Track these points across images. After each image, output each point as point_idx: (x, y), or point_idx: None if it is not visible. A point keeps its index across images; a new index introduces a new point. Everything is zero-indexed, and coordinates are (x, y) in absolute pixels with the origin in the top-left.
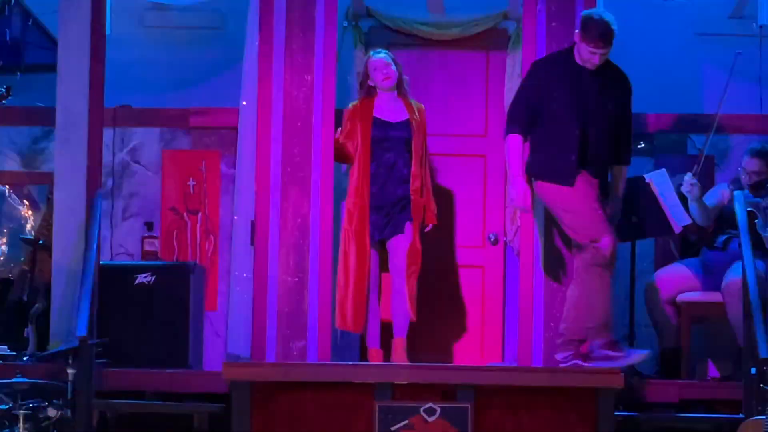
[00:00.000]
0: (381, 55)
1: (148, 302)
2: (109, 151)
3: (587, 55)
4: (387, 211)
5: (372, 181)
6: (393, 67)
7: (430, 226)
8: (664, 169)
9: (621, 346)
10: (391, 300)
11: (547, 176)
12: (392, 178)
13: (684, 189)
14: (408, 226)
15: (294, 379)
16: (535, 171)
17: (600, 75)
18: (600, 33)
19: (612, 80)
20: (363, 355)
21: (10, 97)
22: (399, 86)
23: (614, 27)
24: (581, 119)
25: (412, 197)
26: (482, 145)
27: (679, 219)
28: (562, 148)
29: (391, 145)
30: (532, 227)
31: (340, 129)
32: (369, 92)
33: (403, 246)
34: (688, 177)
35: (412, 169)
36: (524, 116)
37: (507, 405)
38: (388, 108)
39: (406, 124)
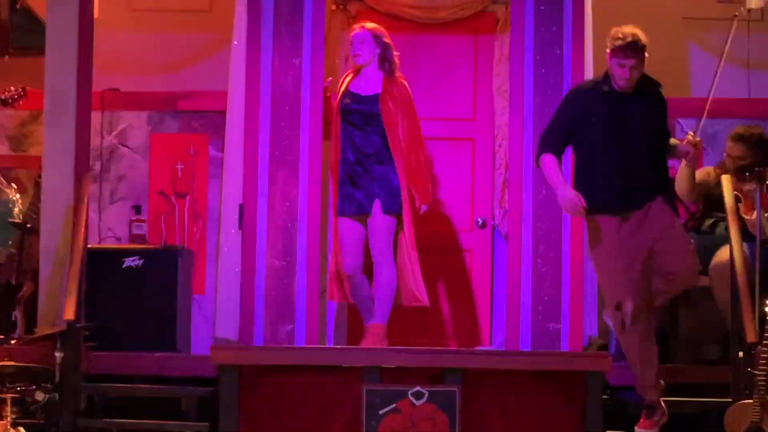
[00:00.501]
0: (357, 30)
1: (136, 286)
2: (98, 135)
3: (618, 71)
4: (361, 186)
5: (342, 153)
6: (368, 43)
7: (424, 207)
8: None
9: (656, 412)
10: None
11: (592, 208)
12: (364, 153)
13: (682, 149)
14: (376, 206)
15: (282, 363)
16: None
17: (640, 98)
18: (625, 43)
19: (653, 104)
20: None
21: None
22: (382, 62)
23: (641, 37)
24: (621, 146)
25: (390, 176)
26: (470, 128)
27: None
28: (604, 178)
29: (358, 118)
30: (519, 211)
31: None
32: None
33: (371, 227)
34: (690, 135)
35: (391, 147)
36: (558, 141)
37: (495, 388)
38: (365, 82)
39: (376, 99)
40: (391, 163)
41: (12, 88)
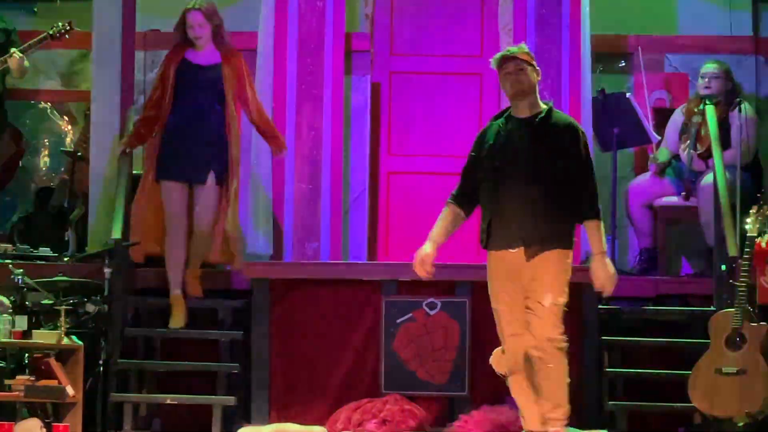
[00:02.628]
0: (192, 11)
1: None
2: (140, 72)
3: (505, 86)
4: None
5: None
6: (204, 25)
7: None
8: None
9: None
10: None
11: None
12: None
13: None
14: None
15: (309, 277)
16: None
17: (536, 126)
18: (501, 55)
19: (553, 130)
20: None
21: (73, 30)
22: (215, 37)
23: (518, 47)
24: (504, 177)
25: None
26: (478, 64)
27: (652, 135)
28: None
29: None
30: None
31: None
32: (185, 41)
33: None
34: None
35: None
36: (459, 187)
37: None
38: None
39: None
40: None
41: (60, 23)
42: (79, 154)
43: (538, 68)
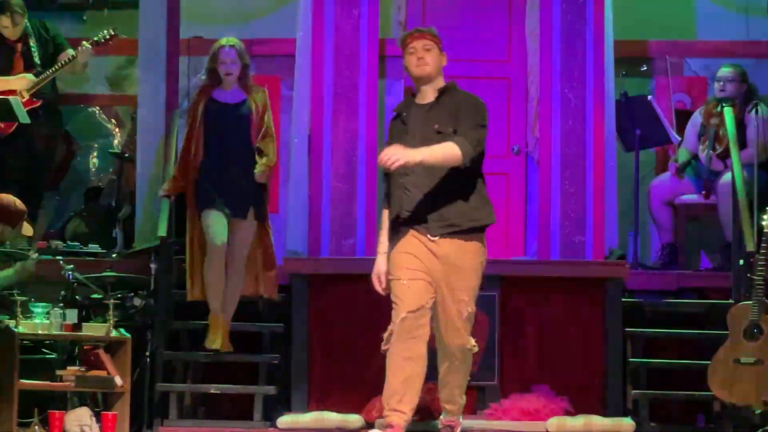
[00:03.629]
0: (226, 47)
1: None
2: (184, 76)
3: (409, 65)
4: None
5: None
6: (237, 63)
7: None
8: None
9: None
10: None
11: None
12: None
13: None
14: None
15: (345, 272)
16: None
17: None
18: (407, 33)
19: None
20: None
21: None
22: (242, 77)
23: (427, 28)
24: None
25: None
26: (506, 69)
27: (673, 136)
28: None
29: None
30: (549, 139)
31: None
32: (212, 80)
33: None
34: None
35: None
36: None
37: (528, 293)
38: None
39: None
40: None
41: (104, 31)
42: (127, 155)
43: (445, 53)
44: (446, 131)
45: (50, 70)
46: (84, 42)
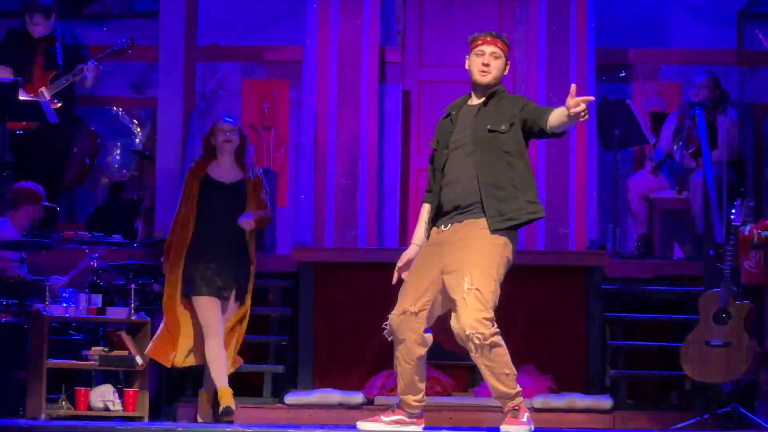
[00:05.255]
0: (225, 120)
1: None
2: (201, 81)
3: (473, 67)
4: None
5: None
6: (235, 133)
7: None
8: None
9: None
10: None
11: None
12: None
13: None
14: None
15: (348, 261)
16: None
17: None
18: (483, 34)
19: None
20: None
21: (134, 46)
22: (239, 152)
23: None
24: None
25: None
26: None
27: (649, 136)
28: None
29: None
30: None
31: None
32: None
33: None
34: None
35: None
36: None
37: (516, 280)
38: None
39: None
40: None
41: (123, 40)
42: (148, 153)
43: (509, 62)
44: (499, 129)
45: (64, 79)
46: (92, 60)
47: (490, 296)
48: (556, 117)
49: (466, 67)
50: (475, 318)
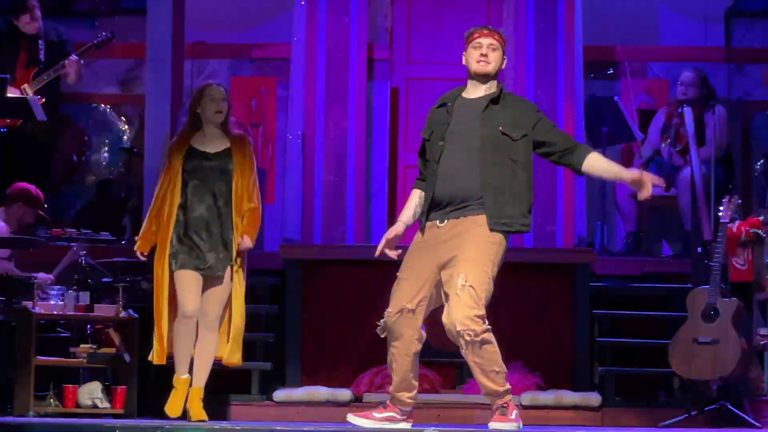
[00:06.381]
0: (214, 86)
1: None
2: (189, 78)
3: (470, 59)
4: None
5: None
6: (225, 102)
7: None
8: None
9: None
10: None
11: None
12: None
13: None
14: None
15: (336, 258)
16: None
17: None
18: (479, 27)
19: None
20: None
21: (113, 40)
22: (226, 121)
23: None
24: None
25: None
26: None
27: (637, 133)
28: None
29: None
30: None
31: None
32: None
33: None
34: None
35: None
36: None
37: (504, 277)
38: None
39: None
40: None
41: (103, 33)
42: (135, 150)
43: (505, 57)
44: (512, 134)
45: (45, 75)
46: (74, 54)
47: (483, 293)
48: (603, 169)
49: (464, 62)
50: (466, 315)
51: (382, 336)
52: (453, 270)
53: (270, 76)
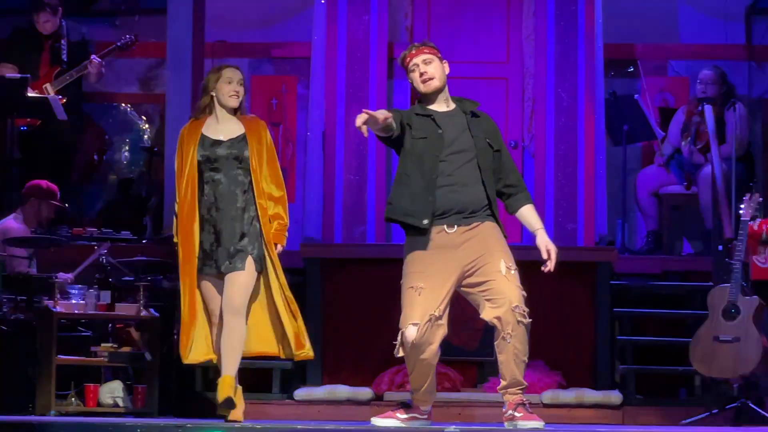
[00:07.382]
0: (231, 68)
1: None
2: None
3: (415, 80)
4: None
5: None
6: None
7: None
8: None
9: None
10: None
11: None
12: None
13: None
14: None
15: (356, 257)
16: None
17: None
18: (406, 52)
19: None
20: None
21: (137, 43)
22: (240, 107)
23: (421, 42)
24: None
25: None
26: (504, 69)
27: (657, 131)
28: None
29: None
30: (544, 135)
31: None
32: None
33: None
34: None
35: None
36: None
37: (525, 276)
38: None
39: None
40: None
41: (127, 36)
42: (156, 149)
43: (445, 60)
44: (494, 146)
45: (68, 75)
46: (95, 56)
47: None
48: (528, 223)
49: (413, 86)
50: (521, 293)
51: (399, 356)
52: (487, 261)
53: (290, 75)
